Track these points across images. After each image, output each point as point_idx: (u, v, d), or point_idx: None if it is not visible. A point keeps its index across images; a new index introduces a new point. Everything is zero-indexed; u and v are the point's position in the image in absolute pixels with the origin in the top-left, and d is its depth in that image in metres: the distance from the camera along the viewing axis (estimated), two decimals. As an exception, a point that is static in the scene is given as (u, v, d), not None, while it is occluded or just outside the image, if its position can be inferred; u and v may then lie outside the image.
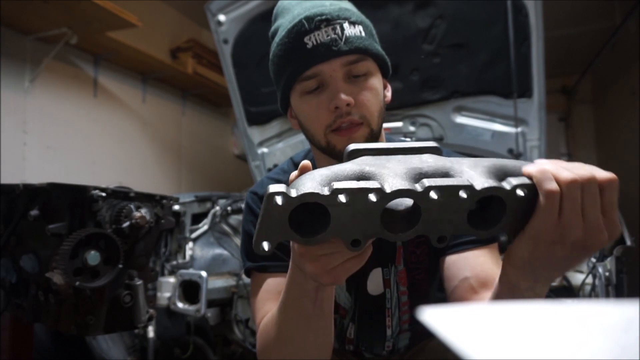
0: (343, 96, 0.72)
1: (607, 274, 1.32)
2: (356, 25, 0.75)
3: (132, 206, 0.91)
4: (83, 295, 0.86)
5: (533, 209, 0.47)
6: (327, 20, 0.72)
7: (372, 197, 0.43)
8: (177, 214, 1.94)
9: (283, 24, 0.77)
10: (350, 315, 0.90)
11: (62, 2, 2.12)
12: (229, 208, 2.12)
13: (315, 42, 0.72)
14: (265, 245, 0.45)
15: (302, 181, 0.47)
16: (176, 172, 3.75)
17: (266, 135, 2.44)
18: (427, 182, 0.44)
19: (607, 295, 1.30)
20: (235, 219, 2.14)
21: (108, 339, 1.74)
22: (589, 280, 1.40)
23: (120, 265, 0.88)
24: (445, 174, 0.48)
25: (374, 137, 0.76)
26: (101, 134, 2.95)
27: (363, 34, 0.75)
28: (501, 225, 0.47)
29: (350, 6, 0.80)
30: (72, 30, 2.37)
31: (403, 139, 1.03)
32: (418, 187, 0.44)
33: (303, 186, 0.45)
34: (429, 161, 0.49)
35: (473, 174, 0.47)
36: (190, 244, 1.95)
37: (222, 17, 2.20)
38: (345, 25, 0.73)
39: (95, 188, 0.87)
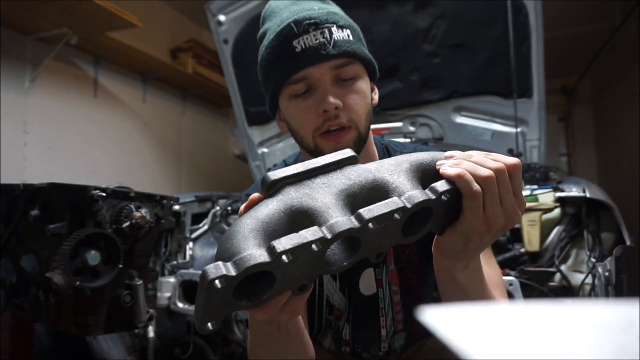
0: (332, 99, 0.72)
1: (606, 274, 1.32)
2: (344, 29, 0.75)
3: (132, 206, 0.91)
4: (83, 295, 0.86)
5: (456, 207, 0.51)
6: (316, 24, 0.72)
7: (315, 247, 0.42)
8: (177, 214, 1.94)
9: (271, 27, 0.77)
10: (345, 317, 0.90)
11: (62, 2, 2.12)
12: (229, 208, 2.12)
13: (304, 46, 0.72)
14: (210, 325, 0.42)
15: (234, 247, 0.43)
16: (176, 172, 3.75)
17: (266, 135, 2.44)
18: (363, 213, 0.44)
19: (606, 295, 1.30)
20: (235, 219, 2.14)
21: (108, 339, 1.74)
22: (589, 280, 1.39)
23: (120, 265, 0.88)
24: (373, 188, 0.49)
25: (362, 140, 0.77)
26: (101, 134, 2.95)
27: (351, 37, 0.75)
28: (428, 227, 0.51)
29: (338, 10, 0.80)
30: (72, 30, 2.38)
31: (397, 140, 1.02)
32: (356, 222, 0.44)
33: (239, 257, 0.41)
34: (351, 177, 0.49)
35: (398, 182, 0.49)
36: (190, 244, 1.95)
37: (222, 17, 2.20)
38: (334, 29, 0.73)
39: (96, 188, 0.87)
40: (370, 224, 0.44)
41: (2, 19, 2.20)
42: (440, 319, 0.18)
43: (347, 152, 0.52)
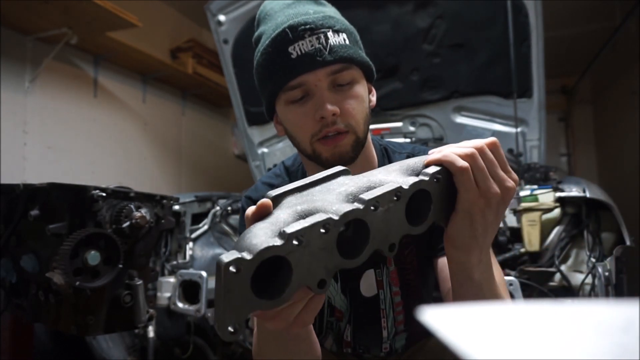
0: (329, 106, 0.71)
1: (606, 274, 1.32)
2: (340, 34, 0.74)
3: (132, 206, 0.91)
4: (83, 295, 0.86)
5: (452, 192, 0.54)
6: (311, 30, 0.71)
7: (324, 230, 0.43)
8: (177, 214, 1.94)
9: (266, 31, 0.76)
10: (347, 318, 0.90)
11: (62, 2, 2.12)
12: (229, 208, 2.12)
13: (299, 52, 0.71)
14: (232, 328, 0.40)
15: (247, 241, 0.43)
16: (176, 172, 3.75)
17: (266, 135, 2.45)
18: (365, 196, 0.47)
19: (606, 295, 1.30)
20: (235, 219, 2.14)
21: (108, 339, 1.74)
22: (589, 280, 1.39)
23: (120, 265, 0.88)
24: (369, 187, 0.51)
25: (360, 144, 0.76)
26: (101, 134, 2.95)
27: (347, 42, 0.74)
28: (432, 214, 0.53)
29: (334, 12, 0.79)
30: (72, 30, 2.38)
31: (395, 140, 1.02)
32: (359, 205, 0.46)
33: (253, 245, 0.42)
34: (347, 182, 0.52)
35: (392, 178, 0.52)
36: (190, 244, 1.95)
37: (222, 17, 2.20)
38: (329, 33, 0.72)
39: (96, 188, 0.87)
40: (372, 206, 0.46)
41: (2, 19, 2.20)
42: (440, 319, 0.18)
43: (339, 167, 0.55)
